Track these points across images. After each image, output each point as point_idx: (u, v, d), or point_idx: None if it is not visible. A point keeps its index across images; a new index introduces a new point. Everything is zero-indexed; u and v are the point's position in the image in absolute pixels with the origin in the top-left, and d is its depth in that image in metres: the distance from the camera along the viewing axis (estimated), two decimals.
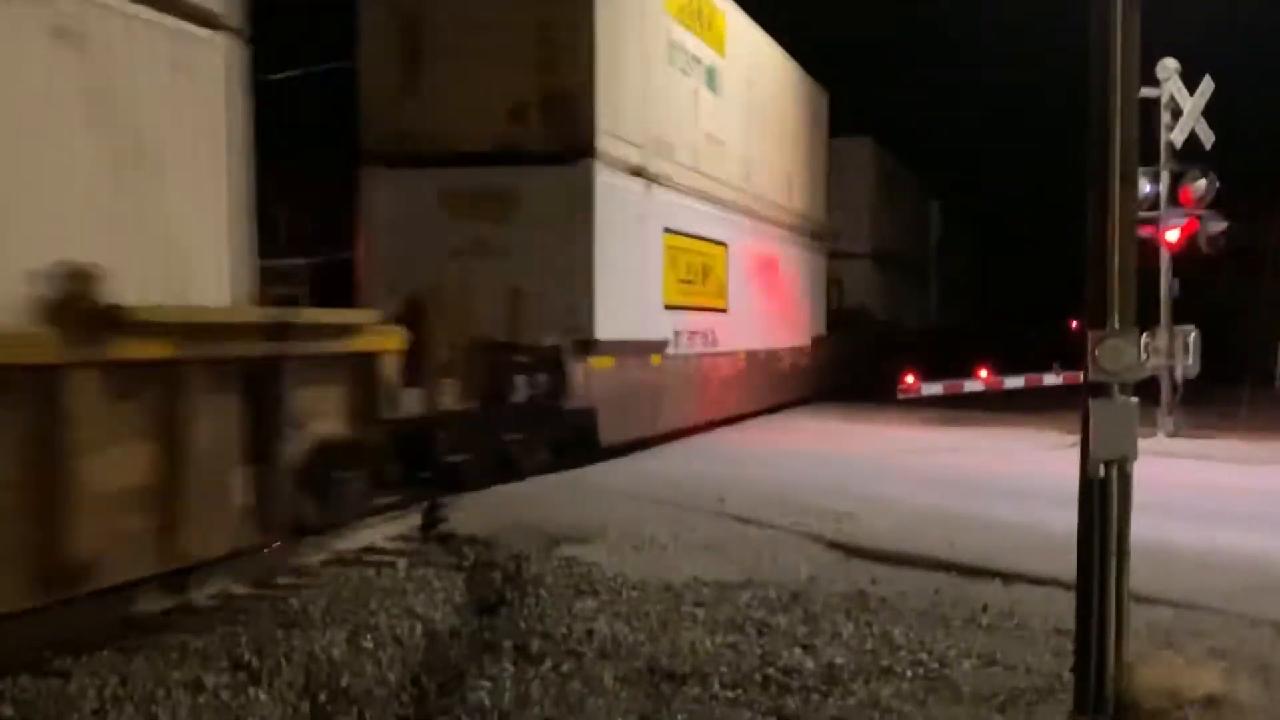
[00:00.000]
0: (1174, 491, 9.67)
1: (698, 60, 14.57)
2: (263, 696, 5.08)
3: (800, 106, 20.17)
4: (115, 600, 6.13)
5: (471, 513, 8.97)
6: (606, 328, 11.45)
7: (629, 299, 12.23)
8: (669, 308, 13.59)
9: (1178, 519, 8.53)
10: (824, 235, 21.83)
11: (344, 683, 5.25)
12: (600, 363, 11.46)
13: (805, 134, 20.46)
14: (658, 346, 13.15)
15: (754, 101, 17.07)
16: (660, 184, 13.16)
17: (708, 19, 15.05)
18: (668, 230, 13.45)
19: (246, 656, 5.53)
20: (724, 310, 15.63)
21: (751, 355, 16.88)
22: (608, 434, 11.72)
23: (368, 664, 5.52)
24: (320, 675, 5.33)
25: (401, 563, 7.52)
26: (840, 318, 23.84)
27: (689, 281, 14.32)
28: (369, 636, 5.88)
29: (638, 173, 12.53)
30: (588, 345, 11.21)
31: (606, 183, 11.57)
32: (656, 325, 13.21)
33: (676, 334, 13.78)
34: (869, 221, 26.42)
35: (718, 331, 15.26)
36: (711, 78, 15.11)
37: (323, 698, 5.10)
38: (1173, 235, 14.79)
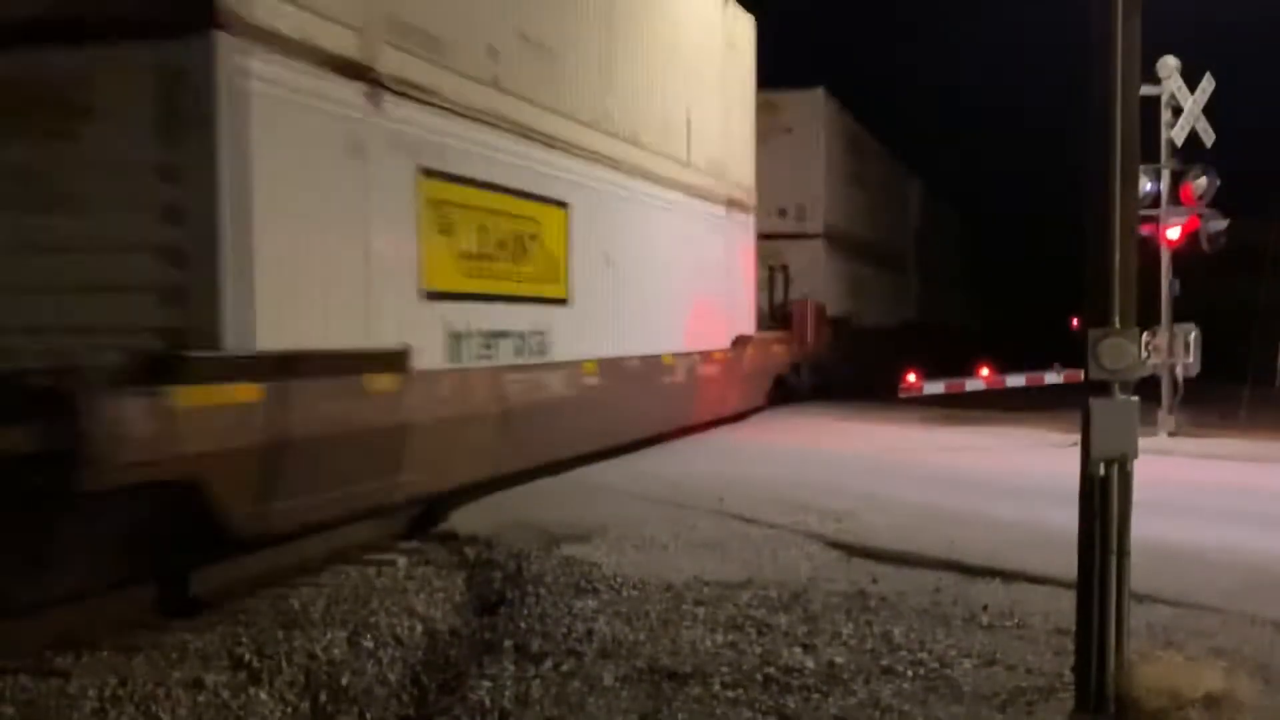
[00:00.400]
0: (1174, 490, 9.66)
1: None
2: (263, 696, 5.09)
3: (705, 27, 14.87)
4: (115, 600, 6.13)
5: (471, 512, 8.98)
6: (269, 329, 6.61)
7: (326, 281, 7.23)
8: (438, 296, 8.38)
9: (1178, 518, 8.52)
10: (750, 205, 16.57)
11: (344, 682, 5.26)
12: (212, 396, 6.20)
13: (715, 66, 15.10)
14: (387, 360, 7.75)
15: (620, 3, 12.04)
16: (408, 97, 8.04)
17: None
18: (429, 173, 8.29)
19: (247, 656, 5.54)
20: (563, 301, 10.49)
21: (612, 366, 11.46)
22: (246, 519, 6.53)
23: (368, 663, 5.53)
24: (321, 675, 5.33)
25: (402, 562, 7.53)
26: (786, 312, 19.54)
27: (485, 257, 9.10)
28: (369, 636, 5.89)
29: (351, 71, 7.45)
30: (167, 365, 6.03)
31: (262, 76, 6.60)
32: (400, 324, 7.97)
33: (456, 337, 8.61)
34: (823, 194, 21.33)
35: (553, 332, 10.19)
36: None
37: (323, 697, 5.11)
38: (1173, 233, 14.78)
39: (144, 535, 6.36)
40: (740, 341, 15.85)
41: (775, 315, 19.08)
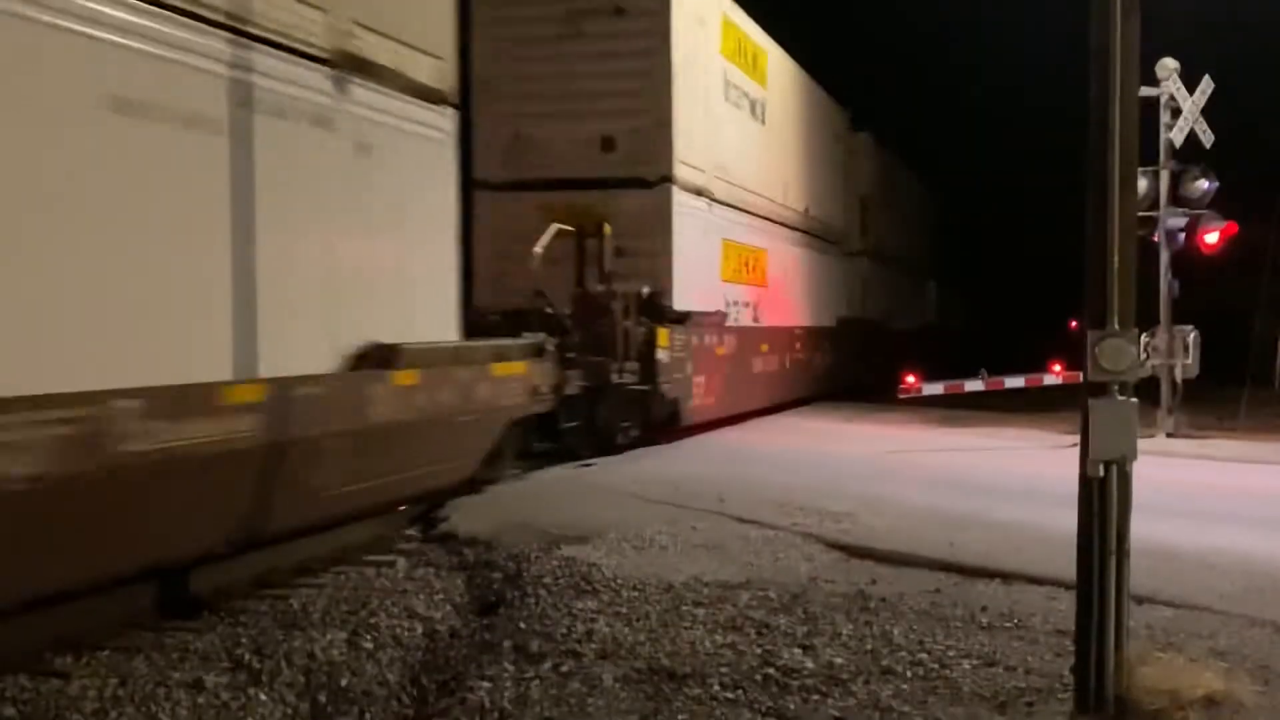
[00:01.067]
0: (1174, 491, 9.67)
1: None
2: (263, 697, 5.09)
3: None
4: (115, 600, 6.13)
5: (471, 513, 8.98)
6: None
7: None
8: None
9: (1177, 519, 8.53)
10: (429, 85, 8.39)
11: (344, 683, 5.26)
12: None
13: None
14: None
15: None
16: None
17: None
18: None
19: (247, 657, 5.54)
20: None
21: None
22: None
23: (368, 664, 5.53)
24: (320, 675, 5.33)
25: (401, 562, 7.53)
26: (591, 306, 12.30)
27: None
28: (369, 637, 5.89)
29: None
30: None
31: None
32: None
33: None
34: (676, 117, 13.33)
35: None
36: None
37: (323, 698, 5.11)
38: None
39: None
40: (375, 360, 7.64)
41: (579, 310, 12.26)
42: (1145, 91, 12.74)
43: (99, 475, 5.38)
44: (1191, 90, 14.69)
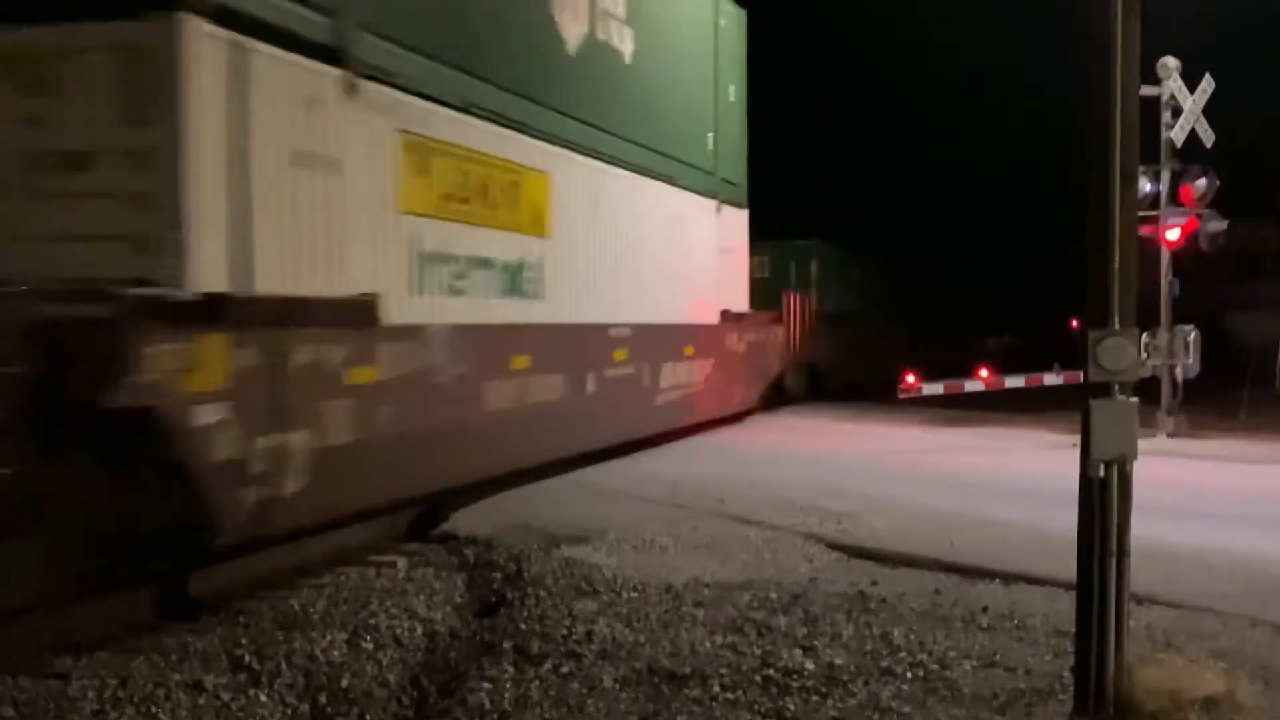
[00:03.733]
0: (1174, 492, 9.66)
1: None
2: (263, 698, 5.09)
3: None
4: (115, 601, 6.13)
5: (472, 513, 8.97)
6: None
7: None
8: None
9: (1178, 519, 8.51)
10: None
11: (344, 684, 5.26)
12: None
13: None
14: None
15: None
16: None
17: None
18: None
19: (246, 658, 5.54)
20: None
21: None
22: None
23: (368, 665, 5.52)
24: (320, 676, 5.33)
25: (402, 563, 7.52)
26: None
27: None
28: (369, 637, 5.89)
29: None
30: None
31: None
32: None
33: None
34: None
35: None
36: None
37: (323, 699, 5.11)
38: (1173, 234, 14.79)
39: None
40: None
41: None
42: (1146, 90, 12.74)
43: None
44: (1192, 89, 14.68)
